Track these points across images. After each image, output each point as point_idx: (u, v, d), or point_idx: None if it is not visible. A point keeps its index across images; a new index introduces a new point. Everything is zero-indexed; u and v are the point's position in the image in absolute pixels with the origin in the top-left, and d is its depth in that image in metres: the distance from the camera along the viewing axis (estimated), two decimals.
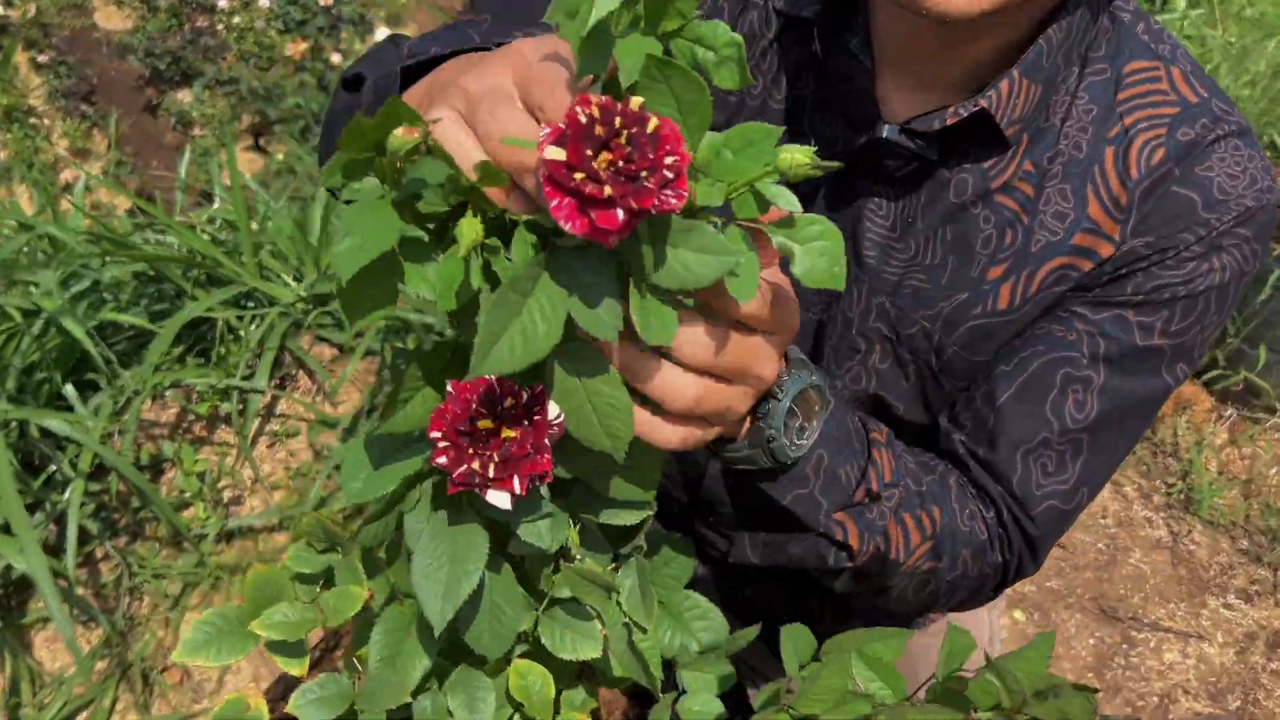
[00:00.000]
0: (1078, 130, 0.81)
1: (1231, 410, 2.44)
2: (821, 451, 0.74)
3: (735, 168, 0.50)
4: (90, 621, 1.93)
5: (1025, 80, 0.78)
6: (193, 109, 3.90)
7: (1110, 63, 0.81)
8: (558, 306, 0.48)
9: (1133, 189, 0.80)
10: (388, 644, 0.66)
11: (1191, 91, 0.82)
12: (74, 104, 4.03)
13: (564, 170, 0.43)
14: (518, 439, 0.52)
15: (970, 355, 0.87)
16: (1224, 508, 2.28)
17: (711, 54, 0.50)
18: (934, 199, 0.84)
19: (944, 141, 0.81)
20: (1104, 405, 0.83)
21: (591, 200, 0.44)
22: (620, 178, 0.43)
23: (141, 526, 2.06)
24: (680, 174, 0.44)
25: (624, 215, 0.44)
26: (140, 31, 4.15)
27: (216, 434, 2.22)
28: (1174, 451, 2.38)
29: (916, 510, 0.81)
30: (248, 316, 2.26)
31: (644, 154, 0.43)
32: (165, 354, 2.17)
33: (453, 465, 0.52)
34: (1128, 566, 2.20)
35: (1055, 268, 0.83)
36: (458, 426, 0.51)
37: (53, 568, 1.85)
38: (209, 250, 2.22)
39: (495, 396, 0.52)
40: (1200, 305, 0.81)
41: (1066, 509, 0.87)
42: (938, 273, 0.85)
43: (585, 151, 0.43)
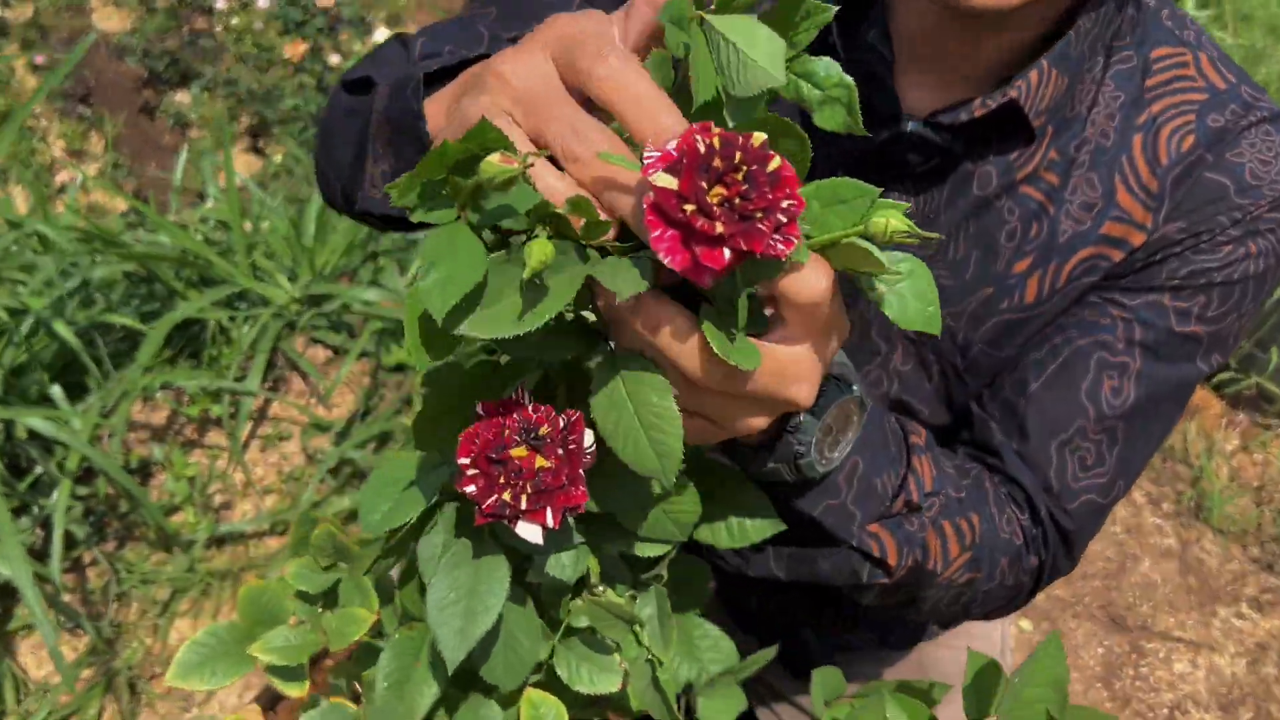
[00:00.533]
0: (1105, 118, 0.79)
1: (1243, 416, 2.40)
2: (857, 458, 0.69)
3: (822, 223, 0.47)
4: (77, 628, 1.89)
5: (1054, 70, 0.76)
6: (191, 110, 3.87)
7: (1136, 50, 0.80)
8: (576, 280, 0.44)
9: (1163, 176, 0.79)
10: (396, 670, 0.63)
11: (1220, 78, 0.80)
12: (71, 105, 4.01)
13: (674, 200, 0.40)
14: (553, 469, 0.48)
15: (996, 351, 0.84)
16: (1235, 515, 2.24)
17: (818, 93, 0.47)
18: (957, 194, 0.81)
19: (968, 134, 0.79)
20: (1141, 392, 0.81)
21: (700, 236, 0.40)
22: (734, 215, 0.40)
23: (130, 531, 2.02)
24: (794, 219, 0.41)
25: (730, 255, 0.40)
26: (138, 33, 4.13)
27: (208, 437, 2.19)
28: (1184, 458, 2.34)
29: (956, 518, 0.77)
30: (240, 317, 2.22)
31: (762, 193, 0.40)
32: (156, 355, 2.13)
33: (482, 495, 0.48)
34: (1137, 575, 2.16)
35: (1084, 258, 0.80)
36: (489, 454, 0.48)
37: (38, 573, 1.81)
38: (201, 250, 2.18)
39: (530, 423, 0.48)
40: (1237, 292, 0.80)
41: (1104, 502, 0.84)
42: (962, 269, 0.83)
43: (700, 183, 0.40)
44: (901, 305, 0.50)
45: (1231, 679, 1.99)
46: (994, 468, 0.84)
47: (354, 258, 2.36)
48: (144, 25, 4.19)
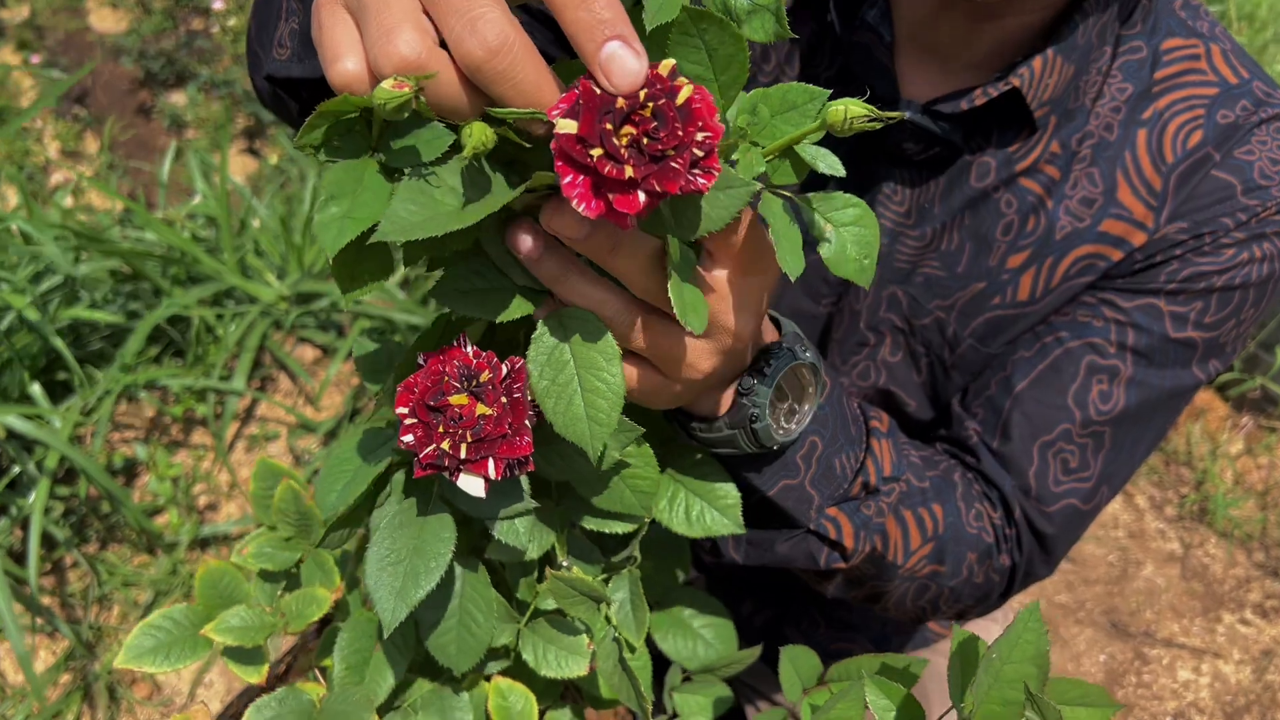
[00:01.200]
0: (1109, 111, 0.76)
1: (1247, 418, 2.35)
2: (815, 437, 0.67)
3: (771, 130, 0.45)
4: (56, 632, 1.85)
5: (1059, 59, 0.72)
6: (187, 111, 3.85)
7: (1146, 40, 0.76)
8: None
9: (1167, 174, 0.75)
10: (354, 652, 0.61)
11: (1232, 72, 0.76)
12: (66, 106, 3.99)
13: (577, 145, 0.37)
14: (494, 417, 0.46)
15: (985, 348, 0.81)
16: (1240, 519, 2.19)
17: (746, 2, 0.44)
18: (954, 184, 0.79)
19: (967, 123, 0.76)
20: (1131, 398, 0.78)
21: (610, 181, 0.37)
22: (644, 157, 0.37)
23: (112, 533, 1.99)
24: (711, 151, 0.38)
25: (645, 199, 0.38)
26: (134, 33, 4.11)
27: (193, 437, 2.15)
28: (1188, 460, 2.30)
29: (918, 507, 0.75)
30: (227, 315, 2.19)
31: (673, 130, 0.37)
32: (140, 354, 2.10)
33: (420, 444, 0.46)
34: (1139, 580, 2.11)
35: (1081, 256, 0.77)
36: (427, 401, 0.46)
37: (16, 575, 1.78)
38: (188, 246, 2.15)
39: (470, 370, 0.46)
40: (1237, 298, 0.76)
41: (1085, 508, 0.82)
42: (954, 260, 0.80)
43: (604, 126, 0.37)
44: (840, 249, 0.47)
45: (1236, 686, 1.94)
46: (970, 466, 0.81)
47: None
48: (140, 26, 4.17)
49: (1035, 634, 0.49)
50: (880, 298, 0.82)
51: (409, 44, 0.38)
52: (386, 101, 0.38)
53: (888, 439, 0.75)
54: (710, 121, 0.38)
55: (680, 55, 0.43)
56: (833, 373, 0.86)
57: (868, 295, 0.82)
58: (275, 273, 2.27)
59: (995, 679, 0.49)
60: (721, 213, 0.43)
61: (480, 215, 0.39)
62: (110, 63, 4.12)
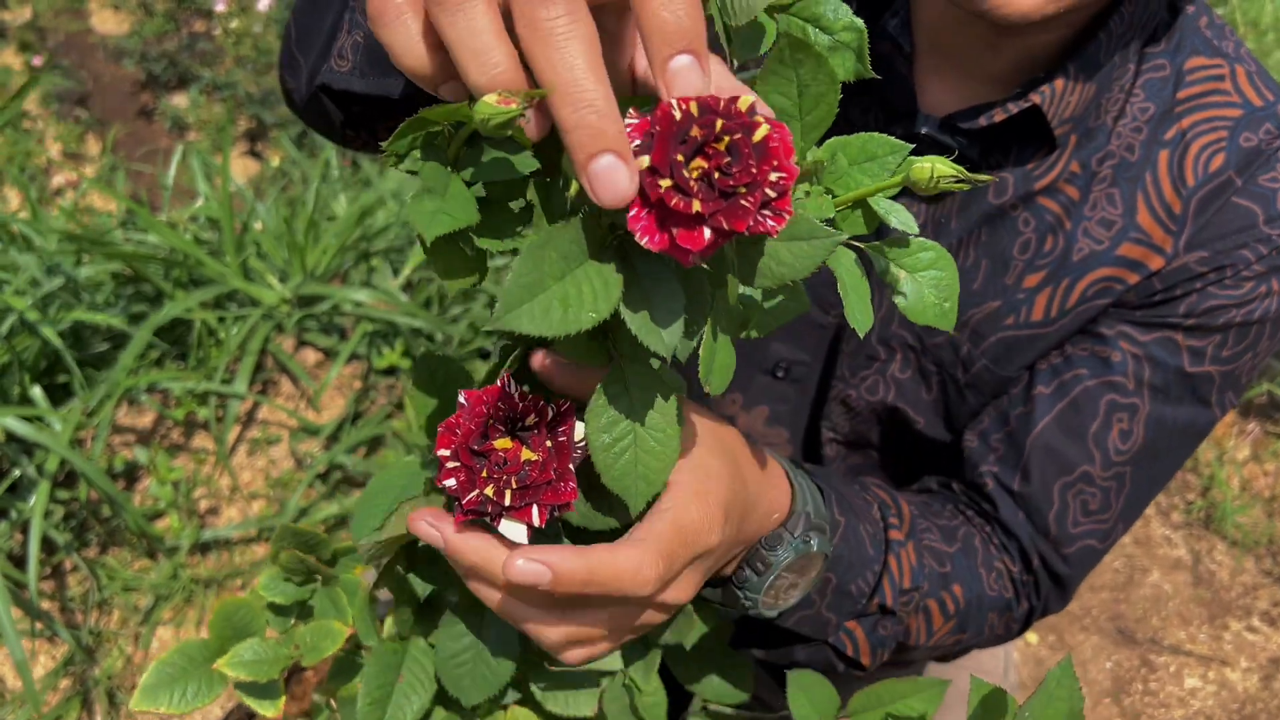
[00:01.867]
0: (1131, 131, 0.74)
1: (1254, 425, 2.34)
2: (830, 574, 0.68)
3: (847, 180, 0.44)
4: (55, 637, 1.84)
5: (1080, 77, 0.71)
6: (189, 113, 3.84)
7: (1170, 58, 0.75)
8: (610, 287, 0.39)
9: (1187, 197, 0.73)
10: (378, 686, 0.61)
11: (1256, 94, 0.75)
12: (68, 108, 3.98)
13: (648, 175, 0.35)
14: (540, 463, 0.45)
15: (999, 369, 0.80)
16: (1247, 526, 2.18)
17: (827, 38, 0.44)
18: (971, 200, 0.77)
19: (986, 139, 0.74)
20: (1149, 435, 0.77)
21: (675, 214, 0.36)
22: (713, 192, 0.35)
23: (112, 537, 1.97)
24: (785, 193, 0.36)
25: (711, 236, 0.36)
26: (136, 35, 4.10)
27: (194, 441, 2.14)
28: (1194, 467, 2.28)
29: (940, 594, 0.76)
30: (229, 318, 2.17)
31: (746, 167, 0.35)
32: (142, 357, 2.09)
33: (464, 490, 0.45)
34: (1146, 587, 2.10)
35: (1098, 279, 0.76)
36: (470, 445, 0.45)
37: (16, 579, 1.77)
38: (190, 249, 2.14)
39: (516, 412, 0.45)
40: (1254, 332, 0.75)
41: (1101, 547, 0.82)
42: (969, 278, 0.79)
43: (675, 157, 0.35)
44: (918, 296, 0.46)
45: (1244, 694, 1.93)
46: (987, 514, 0.80)
47: (346, 258, 2.32)
48: (142, 28, 4.16)
49: (1069, 691, 0.48)
50: (893, 312, 0.80)
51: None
52: (490, 117, 0.37)
53: (908, 543, 0.74)
54: (785, 163, 0.36)
55: (771, 86, 0.41)
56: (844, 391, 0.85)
57: (881, 307, 0.81)
58: (278, 276, 2.26)
59: None
60: (805, 263, 0.41)
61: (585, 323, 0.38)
62: (112, 65, 4.11)
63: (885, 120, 0.76)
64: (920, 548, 0.74)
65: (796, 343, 0.86)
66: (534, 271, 0.38)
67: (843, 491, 0.71)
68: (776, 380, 0.89)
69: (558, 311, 0.38)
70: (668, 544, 0.49)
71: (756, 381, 0.90)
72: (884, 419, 0.86)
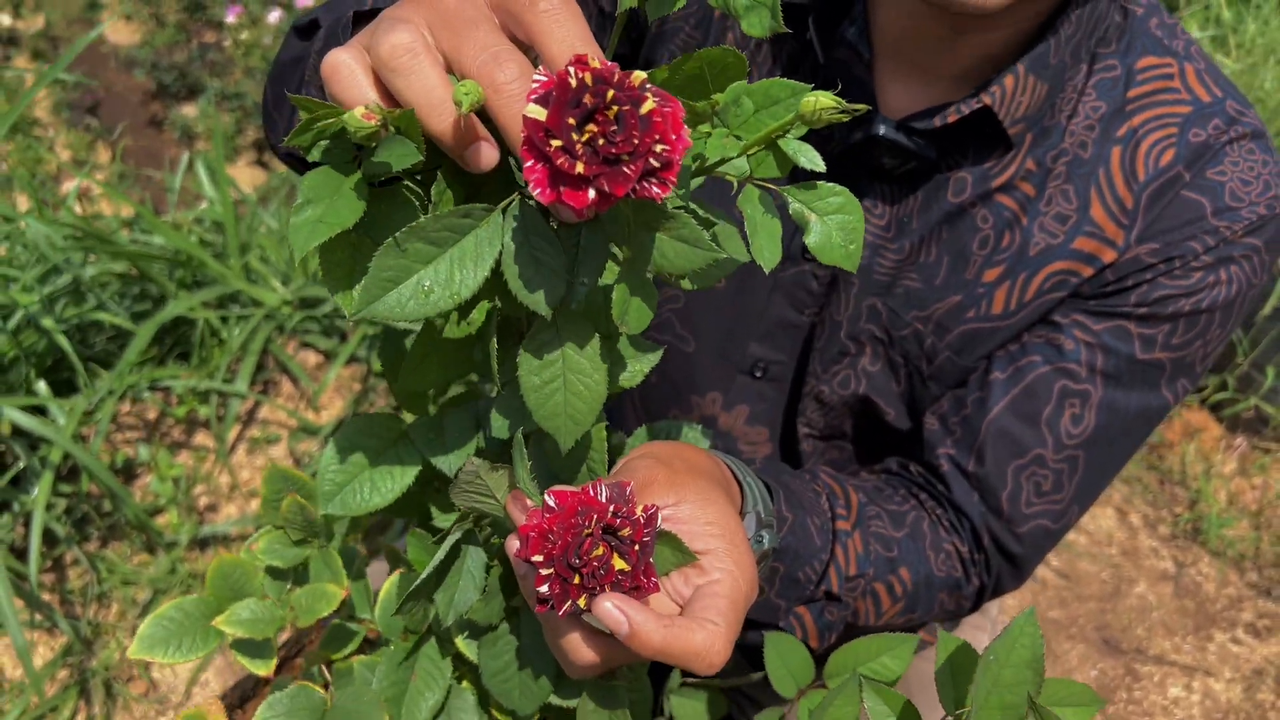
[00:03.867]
0: (1084, 129, 0.77)
1: (1241, 439, 2.36)
2: (777, 564, 0.72)
3: (754, 125, 0.47)
4: (55, 628, 1.87)
5: (1031, 76, 0.73)
6: (197, 123, 3.89)
7: (1121, 59, 0.77)
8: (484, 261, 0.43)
9: (1139, 192, 0.76)
10: (392, 684, 0.64)
11: (1205, 90, 0.77)
12: (78, 116, 4.03)
13: (541, 133, 0.39)
14: (629, 572, 0.47)
15: (962, 360, 0.83)
16: (1233, 539, 2.20)
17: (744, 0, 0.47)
18: (931, 198, 0.80)
19: (943, 139, 0.77)
20: (1101, 420, 0.80)
21: (562, 174, 0.39)
22: (597, 157, 0.39)
23: (113, 531, 2.00)
24: (670, 164, 0.40)
25: (594, 197, 0.39)
26: (148, 45, 4.15)
27: (195, 438, 2.17)
28: (1182, 480, 2.31)
29: (887, 578, 0.79)
30: (232, 319, 2.21)
31: (629, 137, 0.38)
32: (145, 355, 2.12)
33: (559, 600, 0.47)
34: (1132, 597, 2.12)
35: (1054, 272, 0.78)
36: (569, 559, 0.46)
37: (17, 570, 1.80)
38: (195, 250, 2.18)
39: (611, 525, 0.47)
40: (1204, 320, 0.77)
41: (1055, 528, 0.84)
42: (932, 273, 0.81)
43: (566, 120, 0.38)
44: (825, 236, 0.49)
45: (1227, 704, 1.94)
46: (940, 496, 0.83)
47: None
48: (153, 38, 4.22)
49: (1031, 638, 0.51)
50: (860, 308, 0.83)
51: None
52: (357, 130, 0.41)
53: (855, 532, 0.77)
54: (671, 137, 0.39)
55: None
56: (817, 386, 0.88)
57: (848, 306, 0.83)
58: (280, 278, 2.29)
59: (994, 684, 0.50)
60: (687, 262, 0.45)
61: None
62: (123, 74, 4.16)
63: (848, 124, 0.79)
64: (867, 535, 0.77)
65: (773, 343, 0.89)
66: (397, 261, 0.42)
67: (791, 486, 0.73)
68: (755, 380, 0.92)
69: (419, 299, 0.42)
70: (735, 623, 0.51)
71: (736, 382, 0.93)
72: (856, 412, 0.89)
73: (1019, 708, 0.50)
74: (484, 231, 0.43)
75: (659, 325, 0.94)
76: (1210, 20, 2.93)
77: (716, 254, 0.44)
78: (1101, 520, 2.25)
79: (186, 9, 4.30)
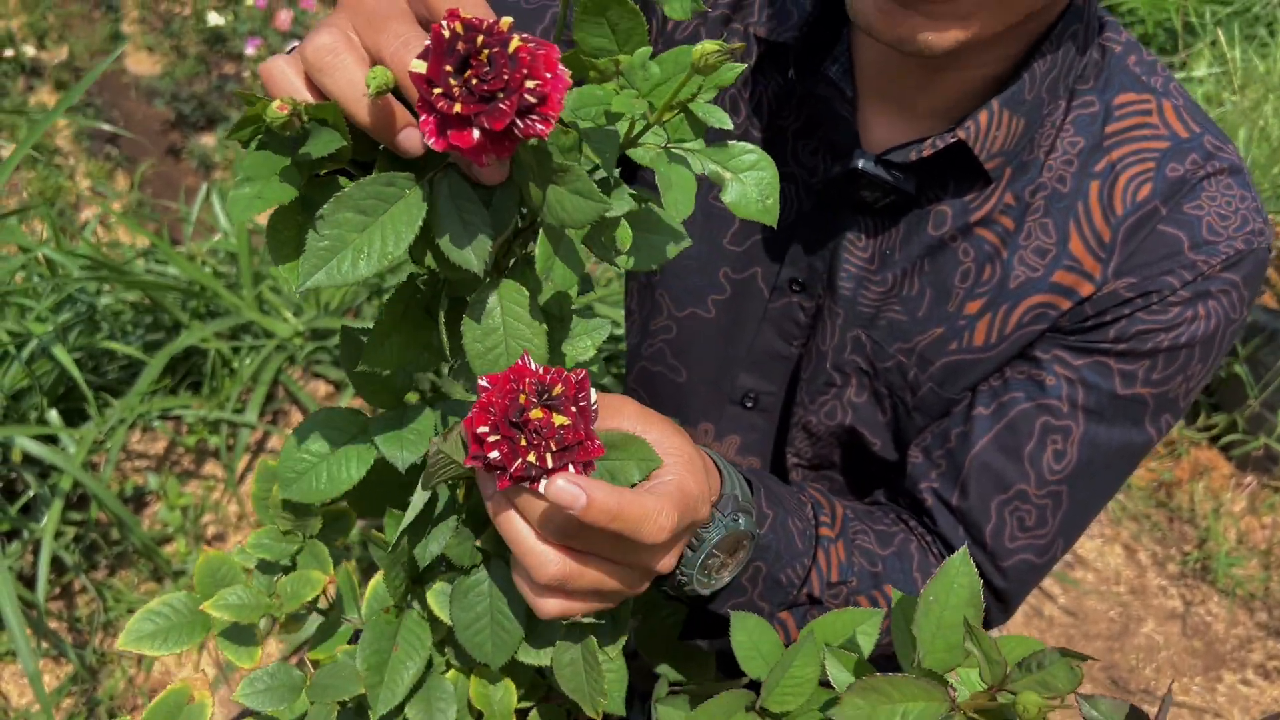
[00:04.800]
0: (1063, 164, 0.78)
1: (1251, 478, 2.35)
2: (759, 563, 0.72)
3: (664, 90, 0.50)
4: (61, 656, 1.88)
5: (1006, 112, 0.74)
6: (215, 153, 3.94)
7: (1099, 95, 0.78)
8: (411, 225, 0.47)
9: (1116, 226, 0.77)
10: (374, 652, 0.64)
11: (1183, 126, 0.78)
12: (98, 145, 4.08)
13: (425, 85, 0.42)
14: (571, 425, 0.49)
15: (945, 392, 0.83)
16: (1242, 578, 2.19)
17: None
18: (913, 231, 0.81)
19: (922, 173, 0.78)
20: (1083, 455, 0.80)
21: (448, 117, 0.43)
22: (473, 96, 0.42)
23: (120, 559, 2.02)
24: (547, 100, 0.43)
25: (480, 136, 0.43)
26: (168, 76, 4.21)
27: (204, 468, 2.19)
28: (1191, 518, 2.30)
29: (871, 591, 0.79)
30: (244, 349, 2.23)
31: (499, 74, 0.42)
32: (157, 384, 2.15)
33: (508, 460, 0.49)
34: (1140, 636, 2.11)
35: (1033, 305, 0.79)
36: (509, 418, 0.49)
37: (25, 598, 1.81)
38: (208, 281, 2.20)
39: (544, 384, 0.50)
40: (1184, 356, 0.77)
41: (1040, 562, 0.84)
42: (915, 305, 0.82)
43: (444, 67, 0.42)
44: (741, 193, 0.52)
45: None
46: (926, 527, 0.83)
47: (358, 294, 2.38)
48: (174, 70, 4.28)
49: (968, 578, 0.52)
50: (845, 340, 0.84)
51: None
52: (274, 120, 0.45)
53: (838, 541, 0.77)
54: (544, 74, 0.43)
55: (588, 31, 0.49)
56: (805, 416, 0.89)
57: (834, 336, 0.84)
58: (292, 309, 2.32)
59: (938, 625, 0.51)
60: (582, 214, 0.48)
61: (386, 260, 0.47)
62: (143, 104, 4.22)
63: (831, 159, 0.81)
64: (851, 546, 0.77)
65: (763, 373, 0.90)
66: (333, 232, 0.46)
67: (773, 489, 0.74)
68: (746, 410, 0.93)
69: (354, 264, 0.46)
70: (679, 502, 0.53)
71: (727, 412, 0.94)
72: (844, 442, 0.89)
73: (962, 647, 0.51)
74: (412, 198, 0.47)
75: (652, 356, 0.95)
76: (1217, 58, 2.94)
77: (605, 204, 0.47)
78: (1109, 558, 2.24)
79: (207, 41, 4.36)
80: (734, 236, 0.87)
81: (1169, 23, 3.13)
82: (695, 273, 0.89)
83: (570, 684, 0.60)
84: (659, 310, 0.93)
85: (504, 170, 0.48)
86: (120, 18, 4.70)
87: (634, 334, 0.98)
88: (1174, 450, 2.42)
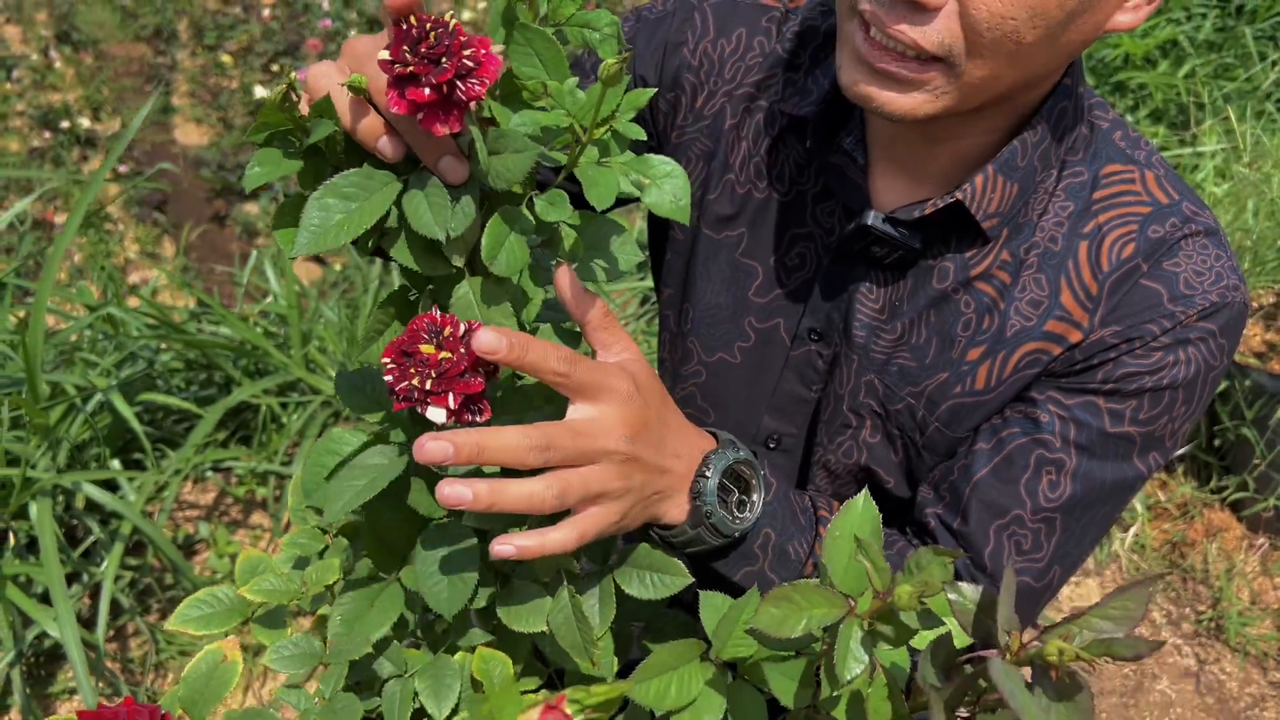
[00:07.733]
0: (1054, 225, 0.87)
1: (1263, 539, 2.41)
2: (768, 529, 0.80)
3: (585, 111, 0.61)
4: (115, 695, 1.96)
5: (1000, 177, 0.84)
6: (259, 220, 4.09)
7: (1088, 166, 0.88)
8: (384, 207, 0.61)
9: (1103, 280, 0.85)
10: (351, 610, 0.74)
11: (1164, 194, 0.87)
12: (147, 211, 4.24)
13: (390, 66, 0.55)
14: (453, 360, 0.59)
15: (950, 432, 0.91)
16: (1255, 638, 2.24)
17: (596, 34, 0.63)
18: (919, 284, 0.90)
19: (927, 231, 0.88)
20: (1077, 488, 0.87)
21: (403, 80, 0.55)
22: (423, 60, 0.55)
23: (173, 604, 2.11)
24: (482, 66, 0.56)
25: (429, 92, 0.55)
26: (215, 147, 4.39)
27: (252, 518, 2.29)
28: (1204, 578, 2.35)
29: None
30: (291, 405, 2.34)
31: (440, 42, 0.55)
32: (210, 437, 2.26)
33: (396, 381, 0.59)
34: (1155, 693, 2.15)
35: (1028, 351, 0.88)
36: (402, 349, 0.59)
37: (84, 639, 1.90)
38: (260, 341, 2.33)
39: (436, 326, 0.60)
40: (1168, 397, 0.85)
41: (1038, 586, 0.91)
42: (922, 353, 0.91)
43: (403, 49, 0.55)
44: (658, 196, 0.64)
45: None
46: (929, 545, 0.91)
47: None
48: (221, 140, 4.47)
49: (870, 512, 0.62)
50: (860, 384, 0.93)
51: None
52: (270, 112, 0.59)
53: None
54: (480, 52, 0.55)
55: (519, 60, 0.61)
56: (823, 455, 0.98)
57: (849, 381, 0.93)
58: (337, 368, 2.44)
59: (847, 556, 0.60)
60: (519, 168, 0.59)
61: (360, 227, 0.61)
62: (190, 173, 4.41)
63: (845, 219, 0.91)
64: None
65: (785, 416, 0.99)
66: (321, 214, 0.59)
67: (773, 475, 0.83)
68: (769, 450, 1.02)
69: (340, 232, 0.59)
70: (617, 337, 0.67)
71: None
72: (860, 480, 0.98)
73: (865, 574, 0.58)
74: (387, 190, 0.61)
75: (682, 400, 1.05)
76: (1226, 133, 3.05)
77: (536, 149, 0.59)
78: None
79: (253, 113, 4.55)
80: (758, 289, 0.97)
81: (1179, 98, 3.25)
82: (724, 322, 0.99)
83: (567, 640, 0.67)
84: (690, 357, 1.03)
85: (464, 171, 0.60)
86: (171, 91, 4.91)
87: (665, 381, 1.08)
88: (1187, 512, 2.49)
